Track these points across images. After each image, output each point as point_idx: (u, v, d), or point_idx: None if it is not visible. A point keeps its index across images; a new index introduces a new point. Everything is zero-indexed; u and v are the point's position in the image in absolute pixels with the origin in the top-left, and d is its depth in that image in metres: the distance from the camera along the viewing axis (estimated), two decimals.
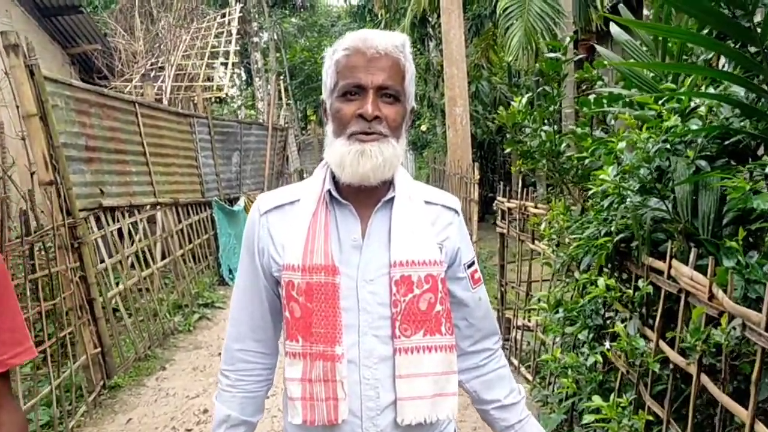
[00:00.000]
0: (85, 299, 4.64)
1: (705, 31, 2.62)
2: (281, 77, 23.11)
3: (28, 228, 4.55)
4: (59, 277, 4.22)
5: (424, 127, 15.41)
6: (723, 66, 2.83)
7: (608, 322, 3.19)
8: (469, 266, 1.45)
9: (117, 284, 5.50)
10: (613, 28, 3.51)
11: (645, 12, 7.49)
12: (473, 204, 8.17)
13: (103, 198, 5.37)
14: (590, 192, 3.29)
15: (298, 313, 1.32)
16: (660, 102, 2.68)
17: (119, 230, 5.76)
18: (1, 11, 7.92)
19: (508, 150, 4.14)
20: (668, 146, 2.52)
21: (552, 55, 3.78)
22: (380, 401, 1.32)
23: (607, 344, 3.02)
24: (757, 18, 2.07)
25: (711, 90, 2.68)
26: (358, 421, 1.32)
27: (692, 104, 2.54)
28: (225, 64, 11.55)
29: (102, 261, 5.24)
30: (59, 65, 9.25)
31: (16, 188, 5.67)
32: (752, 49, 2.17)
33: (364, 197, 1.36)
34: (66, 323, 4.31)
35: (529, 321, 4.97)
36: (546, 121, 3.91)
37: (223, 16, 12.30)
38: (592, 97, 3.36)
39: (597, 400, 2.83)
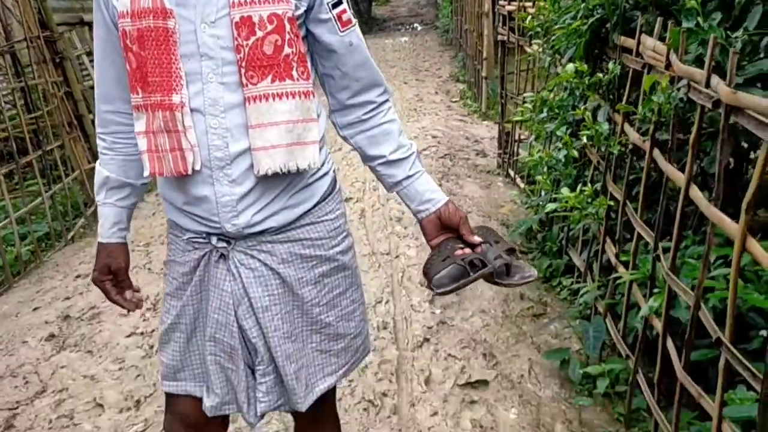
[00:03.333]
0: (74, 115, 4.61)
1: None
2: None
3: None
4: (38, 91, 4.16)
5: None
6: None
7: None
8: (335, 6, 1.31)
9: None
10: None
11: None
12: (485, 19, 7.56)
13: (84, 13, 5.18)
14: None
15: (134, 63, 1.24)
16: None
17: None
18: None
19: None
20: None
21: None
22: (229, 151, 1.26)
23: (585, 139, 2.90)
24: None
25: None
26: (208, 171, 1.27)
27: None
28: None
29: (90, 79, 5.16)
30: None
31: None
32: None
33: None
34: (53, 138, 4.32)
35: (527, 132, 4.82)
36: None
37: None
38: None
39: (565, 191, 2.78)
